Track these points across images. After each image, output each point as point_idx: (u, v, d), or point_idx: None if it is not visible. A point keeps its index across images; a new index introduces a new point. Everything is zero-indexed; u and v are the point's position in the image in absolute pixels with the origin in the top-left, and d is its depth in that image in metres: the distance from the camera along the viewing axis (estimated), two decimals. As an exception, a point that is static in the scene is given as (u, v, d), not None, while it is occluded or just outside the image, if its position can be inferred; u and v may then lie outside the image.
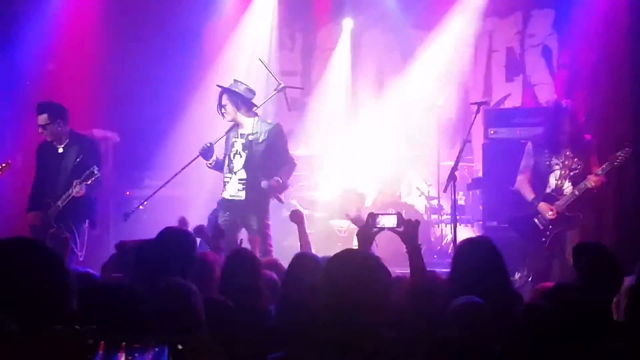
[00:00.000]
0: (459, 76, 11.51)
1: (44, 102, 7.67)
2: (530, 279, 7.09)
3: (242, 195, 7.20)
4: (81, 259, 7.16)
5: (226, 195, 7.29)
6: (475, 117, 7.34)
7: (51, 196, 7.40)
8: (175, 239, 4.65)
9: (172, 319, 3.51)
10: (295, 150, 10.92)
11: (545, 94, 10.86)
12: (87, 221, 7.52)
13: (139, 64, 10.49)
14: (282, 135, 7.44)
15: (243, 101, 7.30)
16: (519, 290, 5.30)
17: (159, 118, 10.54)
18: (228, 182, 7.28)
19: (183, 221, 6.55)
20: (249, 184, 7.19)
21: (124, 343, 2.61)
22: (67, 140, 7.52)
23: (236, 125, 7.35)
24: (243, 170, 7.23)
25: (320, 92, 11.94)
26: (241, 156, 7.26)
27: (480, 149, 9.52)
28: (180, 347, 2.60)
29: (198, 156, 7.42)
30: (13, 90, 9.89)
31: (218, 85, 7.49)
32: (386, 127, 11.39)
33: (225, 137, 7.41)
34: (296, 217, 6.29)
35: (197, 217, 6.80)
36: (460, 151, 7.06)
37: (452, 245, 7.81)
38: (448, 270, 4.48)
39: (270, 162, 7.26)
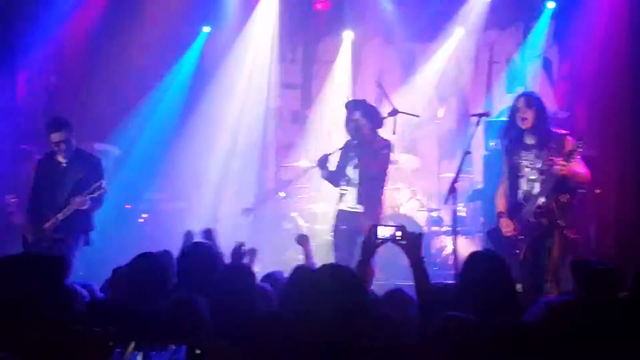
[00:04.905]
0: (459, 88, 11.53)
1: (55, 118, 7.60)
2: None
3: (359, 207, 7.41)
4: (81, 273, 7.17)
5: (343, 207, 7.52)
6: (475, 128, 7.32)
7: (50, 209, 7.36)
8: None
9: (180, 331, 3.53)
10: (296, 162, 10.96)
11: (546, 105, 10.82)
12: (82, 237, 7.47)
13: (140, 77, 10.52)
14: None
15: (377, 120, 7.58)
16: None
17: (159, 131, 10.56)
18: (345, 194, 7.52)
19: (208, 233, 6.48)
20: (366, 196, 7.42)
21: (141, 343, 2.64)
22: (72, 156, 7.48)
23: (356, 140, 7.53)
24: (359, 183, 7.49)
25: (320, 104, 11.95)
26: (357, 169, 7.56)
27: (481, 161, 9.50)
28: (198, 351, 2.61)
29: (314, 166, 7.79)
30: (14, 103, 9.91)
31: (354, 101, 7.75)
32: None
33: (341, 151, 7.64)
34: (302, 240, 6.32)
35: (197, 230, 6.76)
36: (461, 163, 7.04)
37: (453, 257, 7.78)
38: (451, 282, 4.47)
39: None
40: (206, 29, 11.43)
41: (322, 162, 7.60)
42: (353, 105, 7.65)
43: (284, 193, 10.56)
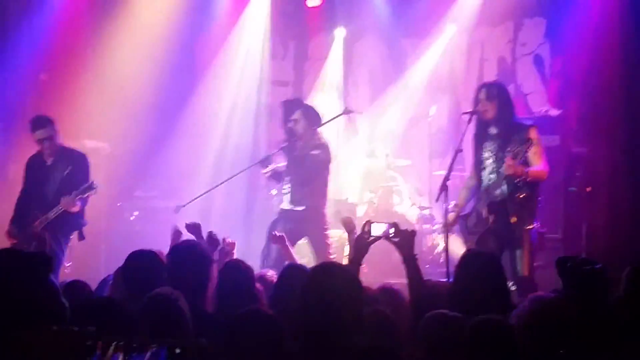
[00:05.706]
0: (450, 86, 11.53)
1: (38, 116, 7.62)
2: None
3: (300, 206, 7.39)
4: (67, 271, 7.16)
5: (285, 206, 7.48)
6: (467, 127, 7.31)
7: (39, 208, 7.36)
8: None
9: (159, 327, 3.52)
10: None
11: (538, 102, 10.86)
12: (74, 233, 7.48)
13: (131, 74, 10.47)
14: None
15: (316, 119, 7.56)
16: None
17: (150, 128, 10.52)
18: (287, 193, 7.50)
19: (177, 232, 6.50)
20: (299, 200, 7.42)
21: (122, 343, 2.63)
22: (57, 153, 7.50)
23: (297, 140, 7.50)
24: (291, 186, 7.50)
25: (311, 101, 11.93)
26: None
27: (472, 159, 9.48)
28: (178, 350, 2.60)
29: (256, 163, 7.85)
30: (4, 101, 9.86)
31: (294, 101, 7.89)
32: (378, 136, 11.38)
33: (284, 150, 7.63)
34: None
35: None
36: (452, 161, 7.02)
37: (444, 254, 7.78)
38: (442, 279, 4.47)
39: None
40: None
41: (263, 162, 7.65)
42: (291, 105, 7.64)
43: (275, 191, 10.53)
